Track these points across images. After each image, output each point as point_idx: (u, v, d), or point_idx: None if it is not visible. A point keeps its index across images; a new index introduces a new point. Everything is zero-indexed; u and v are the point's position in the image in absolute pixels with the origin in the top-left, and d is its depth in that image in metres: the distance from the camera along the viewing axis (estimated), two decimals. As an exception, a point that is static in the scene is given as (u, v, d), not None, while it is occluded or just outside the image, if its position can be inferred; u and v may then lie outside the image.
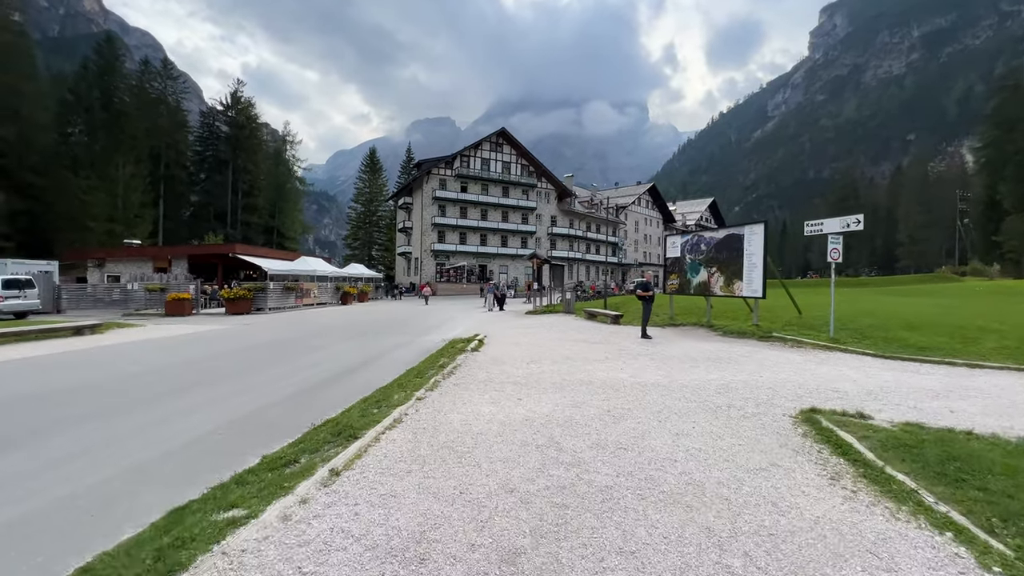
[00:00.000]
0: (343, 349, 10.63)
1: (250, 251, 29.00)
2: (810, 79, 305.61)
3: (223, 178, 63.13)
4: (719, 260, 12.83)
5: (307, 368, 8.33)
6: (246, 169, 63.30)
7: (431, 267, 51.85)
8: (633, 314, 16.60)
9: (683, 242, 14.32)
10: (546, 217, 59.08)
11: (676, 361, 8.09)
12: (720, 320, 13.25)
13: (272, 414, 5.51)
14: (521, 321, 17.27)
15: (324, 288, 28.80)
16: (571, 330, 13.39)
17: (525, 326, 15.01)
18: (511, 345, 9.90)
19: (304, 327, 15.74)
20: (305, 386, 6.89)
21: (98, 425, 5.06)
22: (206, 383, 7.20)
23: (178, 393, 6.53)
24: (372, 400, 5.35)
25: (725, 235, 12.66)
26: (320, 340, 12.27)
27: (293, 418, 5.27)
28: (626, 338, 11.39)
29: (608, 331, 13.13)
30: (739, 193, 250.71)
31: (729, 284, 12.43)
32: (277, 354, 9.97)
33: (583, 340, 10.92)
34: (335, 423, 4.81)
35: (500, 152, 56.24)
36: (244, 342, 11.86)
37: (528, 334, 12.30)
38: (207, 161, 64.18)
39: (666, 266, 15.12)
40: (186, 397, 6.32)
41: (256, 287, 21.77)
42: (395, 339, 12.44)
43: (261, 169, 65.01)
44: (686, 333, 12.34)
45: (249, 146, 63.25)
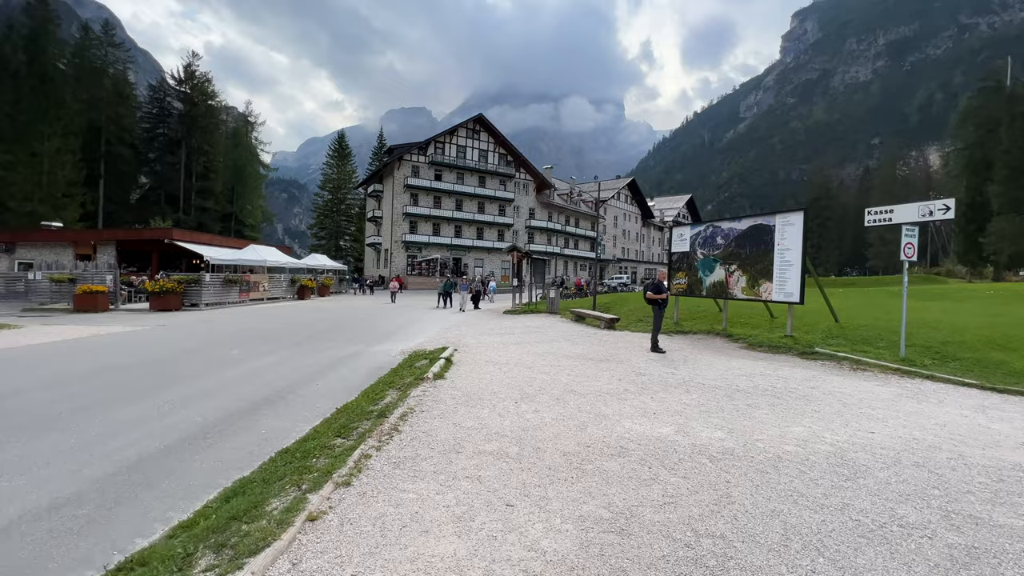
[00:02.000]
0: (262, 367, 7.90)
1: (190, 237, 25.51)
2: (781, 82, 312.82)
3: (175, 159, 58.09)
4: (741, 256, 10.64)
5: (187, 405, 5.62)
6: (201, 150, 58.35)
7: (402, 259, 48.72)
8: (629, 316, 14.35)
9: (694, 234, 12.08)
10: (524, 209, 56.61)
11: (723, 396, 5.76)
12: (738, 328, 11.08)
13: (35, 534, 2.85)
14: (500, 324, 14.77)
15: (277, 281, 25.57)
16: (561, 338, 10.98)
17: (505, 331, 12.52)
18: (490, 366, 7.39)
19: (232, 331, 12.80)
20: (153, 449, 4.22)
21: None
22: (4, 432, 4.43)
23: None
24: (221, 518, 2.71)
25: (750, 226, 10.45)
26: (241, 350, 9.47)
27: (61, 548, 2.64)
28: (634, 351, 9.05)
29: (606, 340, 10.78)
30: (712, 192, 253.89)
31: (754, 285, 10.24)
32: (162, 376, 7.18)
33: (582, 356, 8.51)
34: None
35: (477, 139, 53.35)
36: (134, 355, 8.95)
37: (510, 346, 9.81)
38: (157, 140, 58.96)
39: (671, 263, 12.88)
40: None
41: (188, 279, 18.52)
42: (340, 350, 9.75)
43: (218, 151, 60.12)
44: (702, 344, 10.11)
45: (205, 125, 58.31)
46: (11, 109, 37.16)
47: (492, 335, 11.59)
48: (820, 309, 11.02)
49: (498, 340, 10.60)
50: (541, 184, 58.04)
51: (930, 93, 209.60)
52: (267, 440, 4.47)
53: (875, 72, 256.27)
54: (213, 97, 60.42)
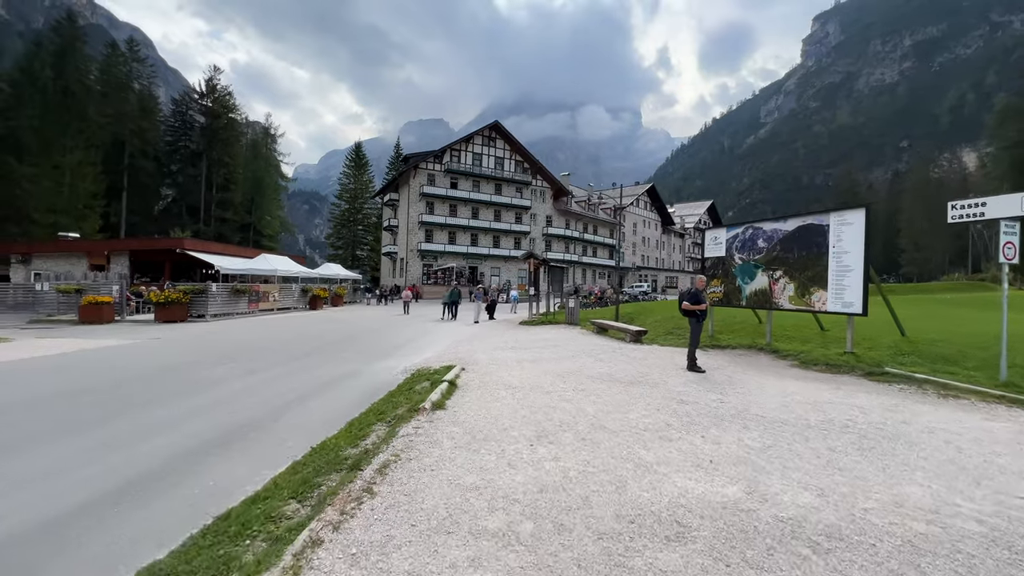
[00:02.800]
0: (242, 389, 6.96)
1: (202, 247, 25.17)
2: (803, 86, 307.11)
3: (197, 171, 59.15)
4: (787, 261, 9.36)
5: (126, 443, 4.67)
6: (221, 162, 59.28)
7: (417, 268, 48.14)
8: (656, 328, 13.10)
9: (730, 237, 10.83)
10: (541, 217, 55.61)
11: (793, 435, 4.55)
12: (785, 342, 9.76)
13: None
14: (515, 337, 13.67)
15: (288, 291, 24.99)
16: (583, 354, 9.82)
17: (521, 346, 11.41)
18: (501, 390, 6.29)
19: (228, 344, 12.00)
20: (37, 518, 3.24)
21: None
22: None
23: None
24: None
25: (798, 227, 9.18)
26: (229, 367, 8.59)
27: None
28: (669, 371, 7.85)
29: (634, 356, 9.58)
30: (733, 198, 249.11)
31: (804, 294, 8.95)
32: (120, 402, 6.28)
33: (609, 376, 7.35)
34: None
35: (493, 147, 52.73)
36: (103, 375, 8.11)
37: (525, 363, 8.70)
38: (180, 152, 60.06)
39: (704, 269, 11.64)
40: None
41: (194, 289, 17.95)
42: (338, 367, 8.79)
43: (238, 162, 61.02)
44: (745, 361, 8.84)
45: (225, 137, 59.26)
46: (38, 123, 37.98)
47: (506, 350, 10.49)
48: (878, 320, 9.63)
49: (512, 356, 9.50)
50: (558, 191, 57.04)
51: (961, 94, 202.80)
52: (212, 496, 3.47)
53: (901, 74, 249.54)
54: (233, 110, 61.41)
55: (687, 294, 8.03)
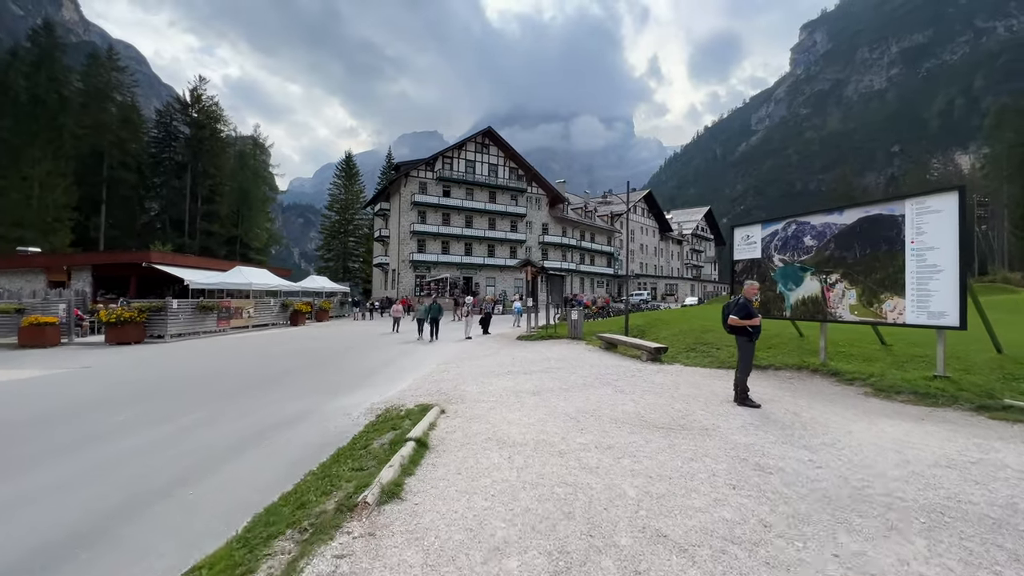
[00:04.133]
0: (140, 446, 5.05)
1: (171, 260, 23.25)
2: (793, 94, 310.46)
3: (182, 183, 57.34)
4: (846, 262, 7.58)
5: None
6: (207, 173, 57.54)
7: (410, 279, 46.25)
8: (674, 343, 11.27)
9: (767, 235, 9.05)
10: (537, 225, 53.97)
11: (986, 548, 2.70)
12: (842, 361, 7.95)
13: None
14: (512, 356, 11.78)
15: (265, 306, 23.04)
16: (597, 380, 7.95)
17: (519, 369, 9.53)
18: (493, 451, 4.30)
19: (169, 373, 10.06)
20: None
21: None
22: None
23: None
24: None
25: (859, 219, 7.41)
26: (142, 410, 6.68)
27: None
28: (714, 406, 5.99)
29: (660, 382, 7.72)
30: (727, 205, 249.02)
31: (871, 302, 7.16)
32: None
33: (640, 419, 5.48)
34: None
35: (486, 154, 51.22)
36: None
37: (526, 397, 6.80)
38: (164, 164, 58.22)
39: (735, 273, 9.84)
40: None
41: (150, 307, 15.98)
42: (284, 407, 6.87)
43: (225, 174, 59.26)
44: (802, 388, 7.01)
45: (210, 148, 57.52)
46: (7, 134, 36.09)
47: (501, 376, 8.60)
48: (954, 333, 7.82)
49: (509, 386, 7.61)
50: (554, 198, 55.51)
51: (950, 98, 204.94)
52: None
53: (890, 80, 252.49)
54: (220, 120, 59.77)
55: (734, 305, 6.20)
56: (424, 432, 4.60)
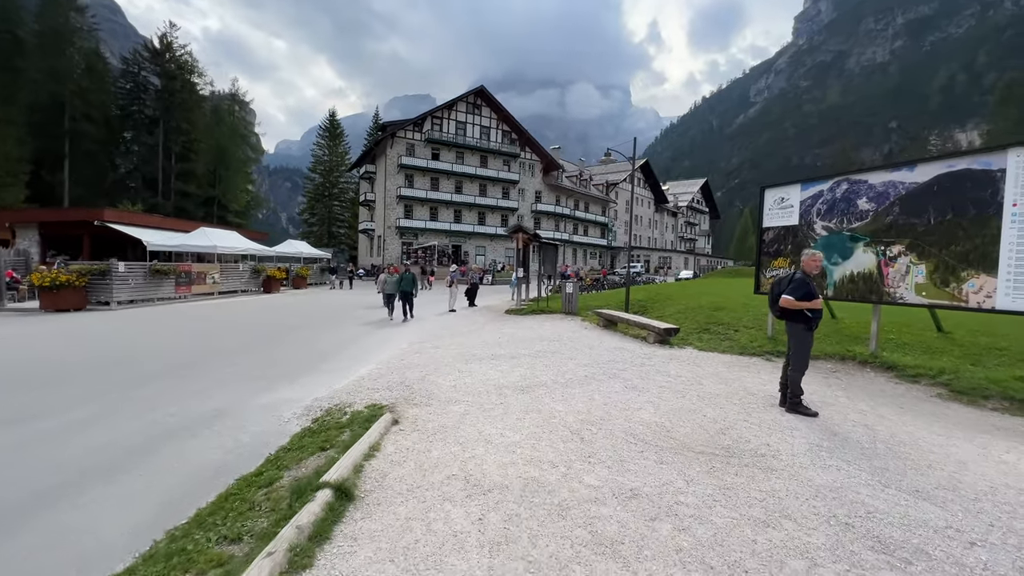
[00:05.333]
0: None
1: (128, 219, 21.19)
2: (794, 65, 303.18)
3: (153, 139, 53.76)
4: (915, 230, 6.10)
5: None
6: (180, 129, 53.95)
7: (396, 246, 44.31)
8: (682, 322, 9.88)
9: (808, 197, 7.52)
10: (530, 192, 51.82)
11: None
12: (896, 352, 6.60)
13: None
14: (498, 334, 10.32)
15: (234, 271, 21.23)
16: (601, 371, 6.53)
17: (505, 351, 8.07)
18: (456, 506, 2.74)
19: (80, 351, 8.46)
20: None
21: None
22: None
23: None
24: None
25: (940, 175, 5.89)
26: (14, 400, 5.14)
27: None
28: (756, 414, 4.61)
29: (676, 374, 6.33)
30: (722, 179, 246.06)
31: (947, 281, 5.73)
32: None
33: (667, 433, 4.06)
34: None
35: (478, 115, 48.42)
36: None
37: (511, 396, 5.34)
38: (133, 118, 54.40)
39: (762, 244, 8.35)
40: None
41: (92, 270, 14.15)
42: (204, 400, 5.36)
43: (199, 130, 55.65)
44: (856, 388, 5.66)
45: (183, 101, 53.75)
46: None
47: (483, 361, 7.13)
48: (997, 320, 6.47)
49: (492, 376, 6.15)
50: (548, 165, 53.16)
51: (952, 74, 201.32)
52: None
53: (893, 53, 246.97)
54: (193, 71, 55.73)
55: (788, 282, 4.71)
56: (355, 466, 3.09)
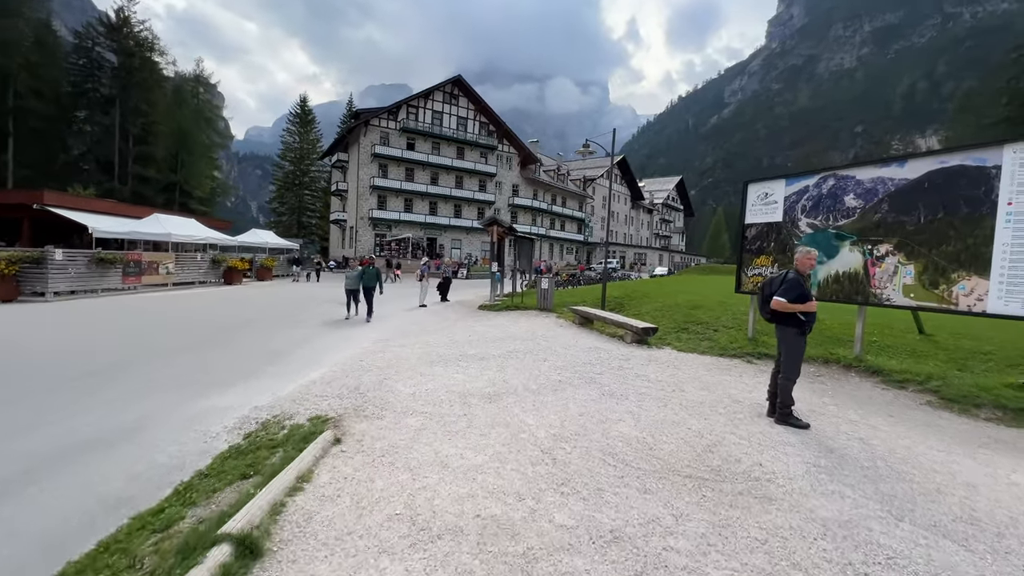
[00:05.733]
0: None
1: (71, 202, 19.62)
2: (767, 68, 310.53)
3: (109, 119, 50.68)
4: (904, 228, 5.84)
5: None
6: (138, 110, 50.97)
7: (369, 238, 43.04)
8: (659, 320, 9.54)
9: (793, 192, 7.21)
10: (507, 185, 51.16)
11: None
12: (879, 355, 6.37)
13: None
14: (469, 332, 9.76)
15: (191, 261, 19.97)
16: (577, 376, 6.06)
17: (475, 352, 7.54)
18: (392, 557, 2.15)
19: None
20: None
21: None
22: None
23: None
24: None
25: (931, 172, 5.61)
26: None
27: None
28: (744, 425, 4.22)
29: (656, 378, 5.93)
30: (696, 177, 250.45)
31: (936, 283, 5.48)
32: None
33: (648, 452, 3.61)
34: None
35: (455, 105, 47.37)
36: None
37: (477, 405, 4.81)
38: (87, 97, 51.09)
39: (744, 241, 8.03)
40: None
41: (24, 257, 12.89)
42: (122, 409, 4.64)
43: (159, 111, 52.72)
44: (843, 394, 5.37)
45: (141, 81, 50.78)
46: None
47: (449, 364, 6.57)
48: (976, 323, 6.35)
49: (457, 381, 5.60)
50: (526, 158, 52.56)
51: (913, 81, 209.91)
52: None
53: (860, 59, 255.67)
54: (153, 49, 52.72)
55: (780, 282, 4.32)
56: (273, 506, 2.49)
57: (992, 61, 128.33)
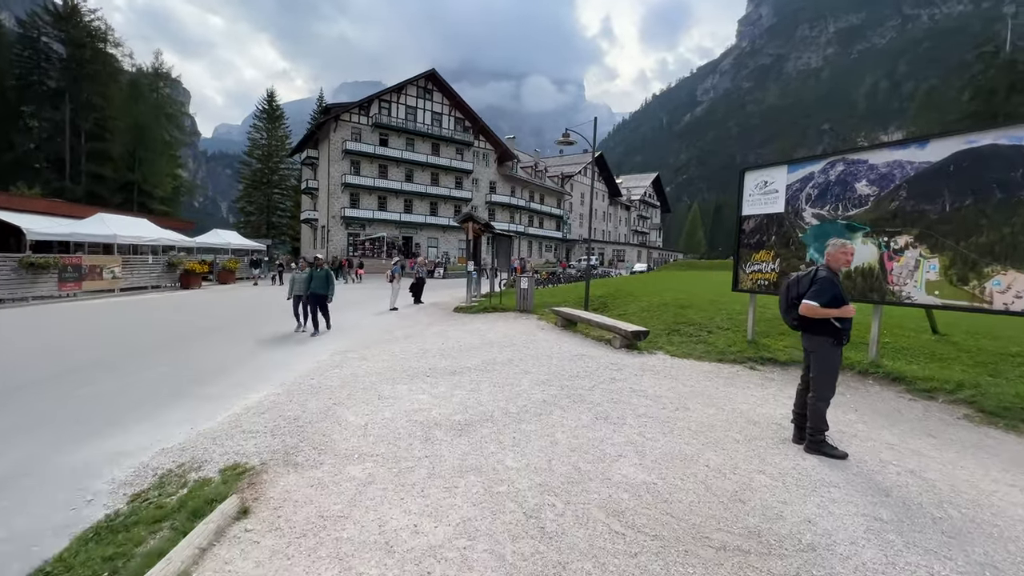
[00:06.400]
0: None
1: (4, 202, 17.81)
2: (737, 66, 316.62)
3: (59, 114, 47.58)
4: (927, 218, 5.20)
5: None
6: (92, 104, 48.01)
7: (342, 237, 41.48)
8: (648, 323, 8.83)
9: (797, 180, 6.55)
10: (484, 182, 50.16)
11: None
12: (897, 359, 5.74)
13: None
14: (442, 339, 8.85)
15: (143, 264, 18.45)
16: (563, 392, 5.24)
17: (445, 367, 6.64)
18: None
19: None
20: None
21: None
22: None
23: None
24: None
25: (957, 153, 4.98)
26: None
27: None
28: (766, 450, 3.46)
29: (654, 392, 5.16)
30: (670, 175, 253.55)
31: (966, 279, 4.85)
32: None
33: (661, 508, 2.81)
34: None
35: (429, 100, 46.10)
36: None
37: (442, 438, 3.93)
38: (33, 90, 47.88)
39: (741, 234, 7.34)
40: None
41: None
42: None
43: (114, 106, 49.77)
44: (866, 406, 4.69)
45: (93, 73, 47.83)
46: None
47: (415, 380, 5.65)
48: (976, 320, 5.83)
49: (421, 405, 4.71)
50: (503, 154, 51.64)
51: (876, 81, 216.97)
52: None
53: (825, 59, 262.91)
54: (105, 40, 49.70)
55: (808, 282, 3.57)
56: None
57: (950, 61, 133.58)
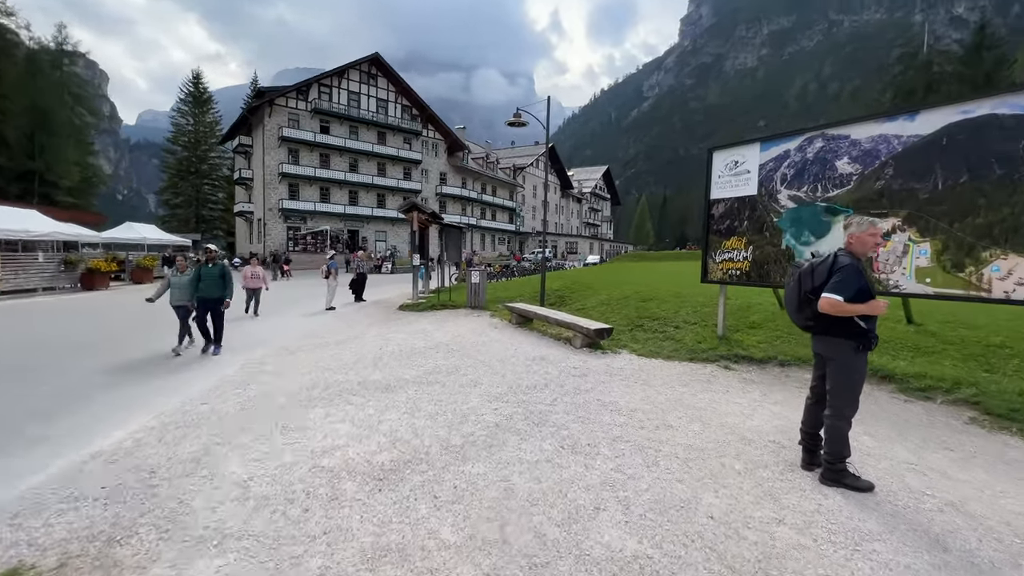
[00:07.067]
0: None
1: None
2: (680, 64, 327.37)
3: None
4: (915, 196, 4.70)
5: None
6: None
7: (280, 231, 38.60)
8: (610, 318, 8.14)
9: (770, 159, 5.96)
10: (434, 173, 48.41)
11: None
12: (881, 355, 5.27)
13: None
14: (383, 342, 7.73)
15: (32, 263, 15.86)
16: (521, 410, 4.35)
17: (380, 380, 5.57)
18: None
19: None
20: None
21: None
22: None
23: None
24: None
25: (950, 124, 4.47)
26: None
27: None
28: (773, 482, 2.73)
29: (626, 404, 4.39)
30: (619, 168, 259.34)
31: (960, 264, 4.37)
32: None
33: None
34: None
35: (374, 86, 43.72)
36: None
37: (351, 499, 2.95)
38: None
39: (710, 220, 6.71)
40: None
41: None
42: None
43: (6, 83, 43.71)
44: (871, 417, 4.07)
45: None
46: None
47: (338, 398, 4.56)
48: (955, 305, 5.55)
49: (337, 438, 3.67)
50: (453, 145, 50.05)
51: (805, 82, 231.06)
52: None
53: (760, 60, 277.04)
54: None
55: (826, 271, 2.85)
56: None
57: (870, 63, 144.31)
